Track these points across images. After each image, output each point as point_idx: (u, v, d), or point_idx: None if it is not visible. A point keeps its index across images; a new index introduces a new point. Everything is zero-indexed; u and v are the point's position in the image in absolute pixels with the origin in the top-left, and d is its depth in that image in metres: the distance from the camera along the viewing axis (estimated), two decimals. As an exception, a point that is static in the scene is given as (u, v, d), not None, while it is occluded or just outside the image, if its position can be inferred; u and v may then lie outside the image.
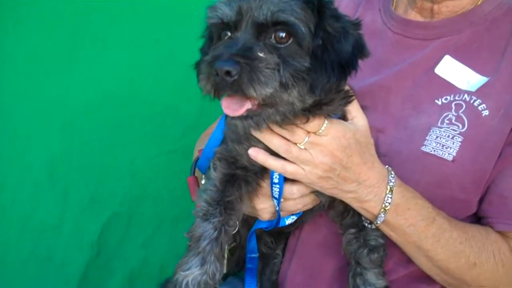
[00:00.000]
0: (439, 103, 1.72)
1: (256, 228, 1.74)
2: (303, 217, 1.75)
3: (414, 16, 1.86)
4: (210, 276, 1.55)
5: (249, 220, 1.75)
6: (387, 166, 1.57)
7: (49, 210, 2.55)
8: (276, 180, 1.59)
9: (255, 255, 1.82)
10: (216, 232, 1.56)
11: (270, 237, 1.93)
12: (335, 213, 1.71)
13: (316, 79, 1.39)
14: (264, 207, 1.66)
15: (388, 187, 1.56)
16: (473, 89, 1.71)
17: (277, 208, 1.64)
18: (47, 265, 2.56)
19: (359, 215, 1.64)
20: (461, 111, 1.69)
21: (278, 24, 1.37)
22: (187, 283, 1.55)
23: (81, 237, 2.56)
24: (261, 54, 1.35)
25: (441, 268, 1.63)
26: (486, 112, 1.67)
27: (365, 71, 1.82)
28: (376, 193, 1.55)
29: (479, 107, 1.68)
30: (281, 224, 1.71)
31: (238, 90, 1.33)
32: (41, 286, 2.55)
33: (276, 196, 1.61)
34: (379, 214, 1.57)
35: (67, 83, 2.49)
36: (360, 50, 1.46)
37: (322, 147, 1.47)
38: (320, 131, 1.47)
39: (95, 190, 2.56)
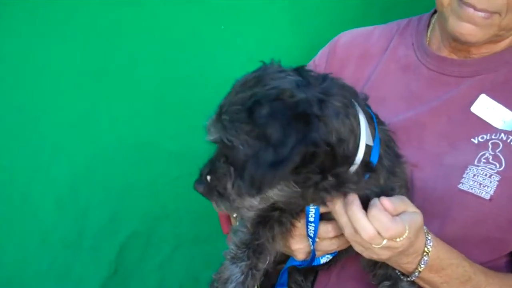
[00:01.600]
0: (475, 141, 1.72)
1: (290, 265, 1.74)
2: (338, 256, 1.74)
3: (448, 54, 1.86)
4: None
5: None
6: (424, 227, 1.54)
7: (69, 226, 2.55)
8: (311, 219, 1.58)
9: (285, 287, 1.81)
10: (242, 277, 1.58)
11: (301, 275, 1.92)
12: (366, 262, 1.70)
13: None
14: (299, 247, 1.67)
15: (426, 250, 1.54)
16: (510, 128, 1.71)
17: (312, 247, 1.63)
18: (65, 281, 2.55)
19: (392, 267, 1.63)
20: (498, 150, 1.69)
21: None
22: None
23: (99, 255, 2.55)
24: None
25: None
26: None
27: (399, 106, 1.83)
28: (414, 257, 1.54)
29: None
30: (315, 263, 1.70)
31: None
32: (58, 302, 2.55)
33: (311, 235, 1.60)
34: (413, 272, 1.57)
35: (95, 98, 2.49)
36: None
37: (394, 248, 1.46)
38: (398, 240, 1.44)
39: (115, 208, 2.56)
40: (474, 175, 1.67)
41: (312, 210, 1.56)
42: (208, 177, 1.49)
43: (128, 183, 2.54)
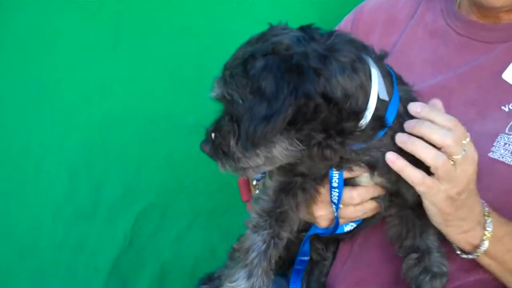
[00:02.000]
0: (506, 109, 1.68)
1: (312, 233, 1.70)
2: (362, 225, 1.70)
3: (477, 18, 1.81)
4: None
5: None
6: None
7: (84, 198, 2.51)
8: (335, 184, 1.54)
9: (306, 258, 1.77)
10: (265, 245, 1.53)
11: (322, 244, 1.88)
12: (393, 234, 1.66)
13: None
14: (322, 214, 1.62)
15: (486, 213, 1.51)
16: None
17: (335, 214, 1.59)
18: (79, 252, 2.52)
19: (420, 237, 1.60)
20: None
21: None
22: None
23: (114, 226, 2.52)
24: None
25: None
26: None
27: (426, 71, 1.78)
28: (478, 221, 1.50)
29: None
30: (338, 231, 1.66)
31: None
32: (71, 273, 2.52)
33: (335, 201, 1.56)
34: (481, 242, 1.52)
35: (110, 69, 2.45)
36: None
37: (467, 166, 1.42)
38: (465, 141, 1.41)
39: (131, 180, 2.53)
40: (505, 143, 1.63)
41: (335, 175, 1.51)
42: (213, 135, 1.48)
43: (144, 154, 2.51)
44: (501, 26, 1.78)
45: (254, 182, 1.80)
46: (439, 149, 1.39)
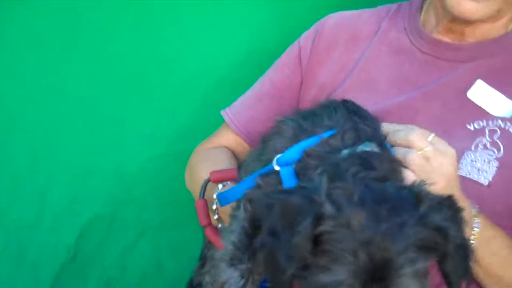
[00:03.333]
0: (471, 128, 1.67)
1: None
2: None
3: (442, 37, 1.80)
4: None
5: None
6: None
7: (27, 206, 2.38)
8: None
9: None
10: (243, 281, 1.41)
11: None
12: None
13: None
14: None
15: (474, 213, 1.50)
16: (508, 115, 1.66)
17: None
18: (19, 264, 2.38)
19: None
20: (495, 137, 1.65)
21: None
22: None
23: (57, 238, 2.40)
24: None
25: None
26: None
27: (390, 90, 1.77)
28: (466, 221, 1.45)
29: None
30: None
31: None
32: (11, 286, 2.38)
33: None
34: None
35: (61, 73, 2.34)
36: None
37: (442, 158, 1.41)
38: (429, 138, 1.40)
39: (77, 189, 2.41)
40: (472, 160, 1.63)
41: None
42: None
43: (92, 163, 2.39)
44: (465, 45, 1.78)
45: (214, 207, 1.71)
46: None
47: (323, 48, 1.96)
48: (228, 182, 1.72)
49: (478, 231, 1.49)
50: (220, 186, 1.73)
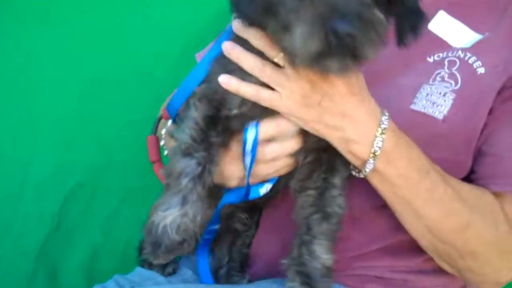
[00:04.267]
0: (431, 60, 1.65)
1: (225, 202, 1.59)
2: (280, 184, 1.58)
3: None
4: (191, 218, 1.40)
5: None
6: (379, 108, 1.44)
7: (10, 178, 2.42)
8: (250, 140, 1.45)
9: (216, 226, 1.66)
10: (200, 168, 1.39)
11: (244, 213, 1.80)
12: (296, 181, 1.55)
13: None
14: (232, 172, 1.52)
15: (380, 129, 1.41)
16: (468, 45, 1.63)
17: (246, 173, 1.49)
18: (5, 235, 2.41)
19: (323, 176, 1.50)
20: (454, 68, 1.61)
21: None
22: (164, 226, 1.39)
23: (41, 207, 2.43)
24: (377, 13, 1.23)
25: (431, 229, 1.51)
26: (481, 70, 1.60)
27: None
28: (365, 134, 1.41)
29: (474, 64, 1.61)
30: (254, 195, 1.55)
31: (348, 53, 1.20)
32: (-4, 257, 2.41)
33: (248, 163, 1.47)
34: (368, 160, 1.42)
35: (37, 43, 2.37)
36: None
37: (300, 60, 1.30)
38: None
39: (59, 159, 2.44)
40: (428, 94, 1.59)
41: (252, 129, 1.43)
42: None
43: (72, 132, 2.43)
44: None
45: (162, 142, 1.73)
46: None
47: None
48: None
49: (381, 147, 1.40)
50: (169, 122, 1.73)
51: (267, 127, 1.45)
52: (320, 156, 1.51)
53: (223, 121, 1.46)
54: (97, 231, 2.48)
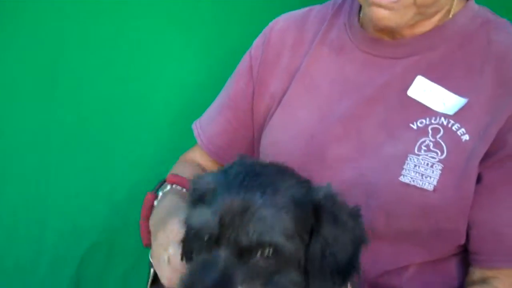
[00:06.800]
0: (415, 127, 1.63)
1: None
2: None
3: (380, 35, 1.75)
4: None
5: None
6: None
7: (26, 244, 2.46)
8: None
9: None
10: None
11: None
12: None
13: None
14: None
15: None
16: (451, 112, 1.61)
17: None
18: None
19: None
20: (438, 136, 1.60)
21: (264, 245, 1.22)
22: None
23: (59, 269, 2.46)
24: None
25: None
26: (466, 137, 1.58)
27: (332, 94, 1.73)
28: None
29: (458, 132, 1.60)
30: None
31: None
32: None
33: None
34: None
35: (47, 105, 2.41)
36: (359, 246, 1.32)
37: None
38: None
39: (74, 221, 2.47)
40: (415, 165, 1.58)
41: None
42: None
43: (85, 192, 2.46)
44: (403, 41, 1.72)
45: (155, 203, 1.81)
46: None
47: (272, 56, 1.92)
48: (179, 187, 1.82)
49: None
50: (168, 186, 1.82)
51: None
52: None
53: None
54: (116, 288, 2.50)
